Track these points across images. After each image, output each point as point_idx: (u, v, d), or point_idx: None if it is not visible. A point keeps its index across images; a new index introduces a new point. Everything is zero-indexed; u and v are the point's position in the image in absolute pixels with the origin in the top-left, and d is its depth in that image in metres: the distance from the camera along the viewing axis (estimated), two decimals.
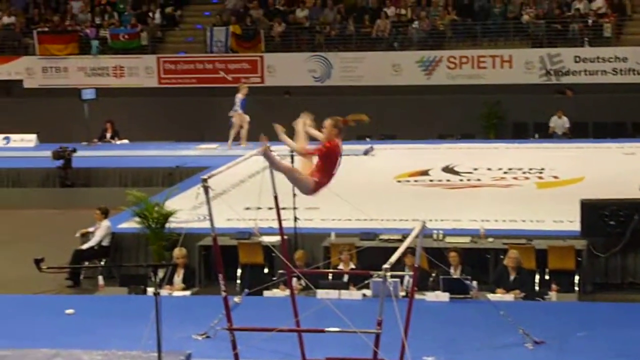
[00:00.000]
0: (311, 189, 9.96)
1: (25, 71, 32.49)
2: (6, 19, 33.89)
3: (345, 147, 25.42)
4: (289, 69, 30.51)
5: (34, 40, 32.42)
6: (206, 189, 9.44)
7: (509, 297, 13.89)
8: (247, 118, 25.42)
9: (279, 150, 10.19)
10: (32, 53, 32.55)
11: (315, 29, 31.53)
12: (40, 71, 32.35)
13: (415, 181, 21.66)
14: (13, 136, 28.36)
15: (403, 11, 31.37)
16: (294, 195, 15.83)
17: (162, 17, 33.15)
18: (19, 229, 21.11)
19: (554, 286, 14.41)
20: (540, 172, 21.88)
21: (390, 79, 30.01)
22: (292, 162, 11.61)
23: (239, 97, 25.34)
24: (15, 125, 29.13)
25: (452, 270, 14.52)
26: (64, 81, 31.96)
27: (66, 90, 30.89)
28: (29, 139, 28.19)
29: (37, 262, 8.74)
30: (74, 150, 24.04)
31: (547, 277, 15.47)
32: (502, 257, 15.43)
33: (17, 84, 32.67)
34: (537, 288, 14.88)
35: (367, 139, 27.27)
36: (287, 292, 12.71)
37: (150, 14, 33.13)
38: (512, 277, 14.37)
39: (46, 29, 33.12)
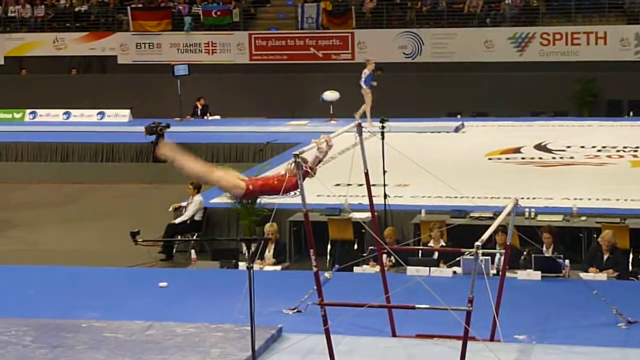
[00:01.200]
0: (239, 194, 9.72)
1: (119, 47, 32.95)
2: None
3: (436, 125, 25.56)
4: (379, 45, 30.42)
5: (128, 16, 32.84)
6: (298, 165, 9.46)
7: (602, 276, 13.68)
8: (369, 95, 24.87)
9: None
10: (125, 29, 32.99)
11: (406, 5, 31.36)
12: (133, 47, 32.77)
13: (507, 159, 21.47)
14: (107, 111, 28.81)
15: None
16: (384, 172, 15.87)
17: None
18: (113, 203, 21.47)
19: None
20: (635, 151, 21.52)
21: (482, 55, 29.74)
22: None
23: (366, 72, 24.83)
24: (109, 101, 29.59)
25: (544, 249, 14.37)
26: (157, 57, 32.35)
27: (159, 66, 31.28)
28: (123, 114, 28.61)
29: (133, 235, 8.87)
30: (168, 126, 24.30)
31: None
32: (595, 236, 15.23)
33: (111, 59, 33.15)
34: (630, 268, 14.65)
35: (458, 116, 27.12)
36: (377, 268, 12.73)
37: None
38: (605, 257, 14.15)
39: (140, 6, 33.50)
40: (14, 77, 33.33)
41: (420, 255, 14.67)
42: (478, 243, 8.52)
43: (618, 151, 21.57)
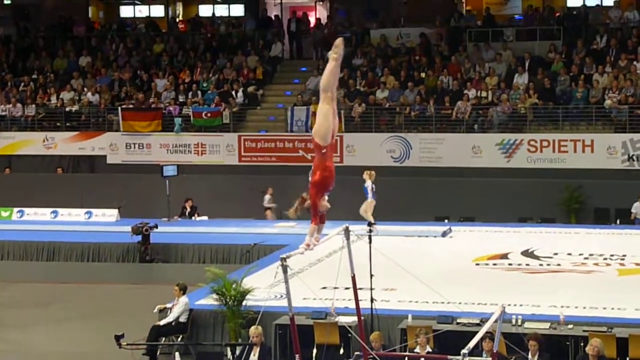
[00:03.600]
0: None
1: (109, 147, 33.09)
2: (91, 96, 34.60)
3: (424, 229, 25.61)
4: (368, 148, 30.62)
5: (119, 116, 33.05)
6: (284, 268, 9.47)
7: None
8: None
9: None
10: (116, 129, 33.17)
11: (395, 110, 31.67)
12: (123, 147, 32.92)
13: (494, 265, 21.45)
14: (95, 211, 28.77)
15: (484, 93, 31.38)
16: (371, 275, 15.82)
17: (245, 96, 33.60)
18: (98, 303, 21.31)
19: None
20: (622, 259, 21.51)
21: (469, 160, 29.93)
22: None
23: (368, 184, 24.95)
24: (97, 200, 29.61)
25: (530, 357, 14.28)
26: (147, 157, 32.47)
27: (148, 166, 31.38)
28: (111, 214, 28.57)
29: (118, 338, 8.82)
30: (156, 226, 24.33)
31: None
32: (582, 344, 15.14)
33: (101, 159, 33.26)
34: None
35: (446, 221, 27.16)
36: None
37: (233, 93, 33.61)
38: None
39: (130, 106, 33.75)
40: (2, 175, 33.38)
41: None
42: (465, 350, 8.47)
43: (605, 259, 21.56)
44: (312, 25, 37.34)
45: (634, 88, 30.03)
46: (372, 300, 16.14)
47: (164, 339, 17.30)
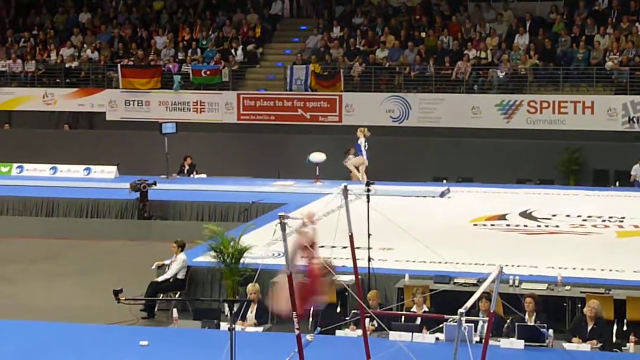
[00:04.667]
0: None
1: (108, 104, 33.02)
2: (90, 53, 34.50)
3: (422, 189, 25.63)
4: (367, 108, 30.56)
5: (118, 73, 32.95)
6: (283, 226, 9.48)
7: (586, 347, 13.64)
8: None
9: None
10: (115, 86, 33.09)
11: (395, 69, 31.58)
12: (122, 104, 32.86)
13: (492, 225, 21.47)
14: (94, 167, 28.76)
15: (484, 54, 31.28)
16: (369, 235, 15.84)
17: (244, 54, 33.50)
18: (97, 259, 21.36)
19: (632, 337, 14.09)
20: (621, 221, 21.53)
21: (469, 121, 29.88)
22: None
23: (361, 141, 25.03)
24: (96, 157, 29.60)
25: (527, 317, 14.33)
26: (146, 115, 32.43)
27: (147, 123, 31.35)
28: (109, 171, 28.57)
29: (116, 293, 8.84)
30: (154, 183, 24.32)
31: (625, 328, 15.18)
32: (579, 305, 15.20)
33: (100, 116, 33.21)
34: (614, 339, 14.59)
35: (444, 181, 27.17)
36: (359, 332, 12.67)
37: (232, 51, 33.49)
38: (589, 327, 14.11)
39: (130, 63, 33.65)
40: (2, 130, 33.35)
41: (403, 320, 14.60)
42: (462, 310, 8.49)
43: (604, 221, 21.58)
44: None
45: (636, 50, 29.93)
46: (369, 259, 16.17)
47: (162, 295, 17.35)
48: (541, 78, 30.35)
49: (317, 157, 26.34)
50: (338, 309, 16.26)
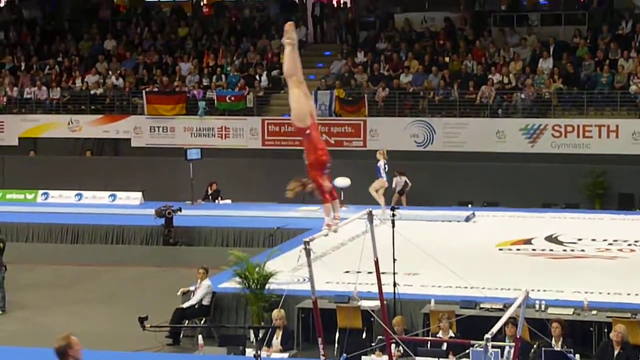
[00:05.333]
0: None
1: (133, 130, 33.18)
2: (115, 80, 34.70)
3: (447, 214, 25.63)
4: (391, 133, 30.57)
5: (143, 100, 33.12)
6: (308, 252, 9.48)
7: None
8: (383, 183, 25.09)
9: None
10: (140, 112, 33.25)
11: (419, 94, 31.59)
12: (147, 130, 33.00)
13: (518, 250, 21.40)
14: (119, 194, 28.90)
15: (507, 78, 31.24)
16: (394, 260, 15.82)
17: (268, 79, 33.61)
18: (122, 285, 21.41)
19: None
20: None
21: (493, 145, 29.83)
22: None
23: (380, 163, 24.99)
24: (121, 183, 29.73)
25: (553, 342, 14.24)
26: (171, 141, 32.56)
27: (172, 149, 31.46)
28: (135, 197, 28.69)
29: (142, 320, 8.83)
30: (179, 209, 24.41)
31: None
32: (605, 330, 15.10)
33: (125, 142, 33.36)
34: None
35: (469, 206, 27.11)
36: (385, 358, 12.62)
37: (257, 77, 33.62)
38: (616, 352, 14.02)
39: (155, 90, 33.82)
40: (27, 157, 33.55)
41: (429, 346, 14.55)
42: (488, 335, 8.45)
43: (629, 245, 21.48)
44: (335, 8, 37.26)
45: None
46: (394, 284, 16.13)
47: (187, 321, 17.36)
48: (565, 102, 30.28)
49: (342, 182, 26.31)
50: (364, 335, 16.22)
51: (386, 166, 24.94)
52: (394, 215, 16.31)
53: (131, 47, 36.73)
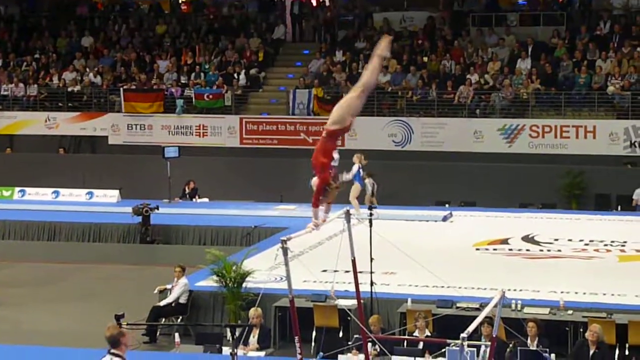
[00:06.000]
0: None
1: (111, 128, 33.08)
2: (93, 77, 34.58)
3: (424, 213, 25.63)
4: (369, 132, 30.54)
5: (120, 97, 33.02)
6: (285, 251, 9.47)
7: None
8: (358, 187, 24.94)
9: None
10: (117, 110, 33.15)
11: (397, 93, 31.63)
12: (125, 128, 32.91)
13: (495, 250, 21.46)
14: (96, 191, 28.80)
15: (485, 79, 31.31)
16: (371, 259, 15.84)
17: (247, 78, 33.58)
18: (99, 283, 21.35)
19: None
20: (623, 245, 21.52)
21: (471, 145, 29.91)
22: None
23: (355, 167, 24.83)
24: (98, 181, 29.64)
25: (529, 342, 14.30)
26: (148, 139, 32.48)
27: (150, 147, 31.38)
28: (112, 195, 28.59)
29: (118, 318, 8.82)
30: (157, 207, 24.37)
31: (627, 352, 15.15)
32: (581, 330, 15.17)
33: (102, 140, 33.26)
34: None
35: (446, 205, 27.17)
36: (362, 357, 12.64)
37: (235, 75, 33.58)
38: (591, 352, 14.09)
39: (132, 87, 33.72)
40: (4, 154, 33.39)
41: (405, 345, 14.57)
42: (464, 334, 8.47)
43: (605, 245, 21.57)
44: (314, 7, 37.24)
45: (637, 74, 29.96)
46: (372, 283, 16.16)
47: (163, 319, 17.33)
48: (543, 103, 30.39)
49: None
50: (340, 334, 16.24)
51: (361, 171, 24.87)
52: (371, 214, 16.34)
53: (109, 44, 36.62)
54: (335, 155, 10.32)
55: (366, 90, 10.50)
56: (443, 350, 13.43)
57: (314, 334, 16.25)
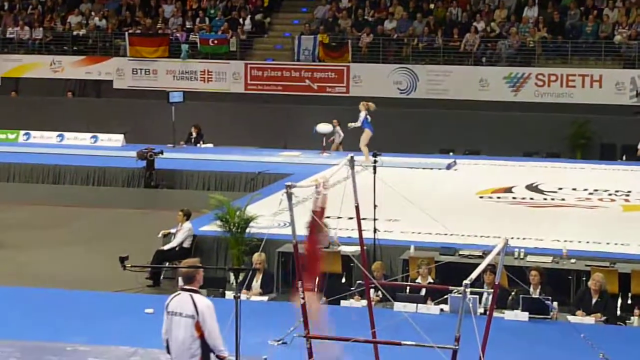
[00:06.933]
0: None
1: (115, 72, 33.01)
2: (98, 21, 34.44)
3: (428, 161, 25.56)
4: (374, 79, 30.51)
5: (125, 42, 32.90)
6: (289, 196, 9.46)
7: (590, 320, 13.67)
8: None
9: None
10: (122, 54, 33.05)
11: (403, 41, 31.48)
12: (130, 72, 32.83)
13: (498, 198, 21.47)
14: (101, 135, 28.83)
15: (492, 26, 31.13)
16: (375, 206, 15.86)
17: (252, 24, 33.42)
18: (103, 227, 21.39)
19: (636, 311, 14.15)
20: (627, 195, 21.53)
21: (476, 93, 29.84)
22: None
23: (362, 115, 24.70)
24: (103, 125, 29.63)
25: (532, 290, 14.34)
26: (153, 83, 32.41)
27: (154, 92, 31.33)
28: (116, 139, 28.62)
29: (122, 260, 8.86)
30: (161, 152, 24.36)
31: (629, 301, 15.19)
32: (584, 279, 15.21)
33: (107, 84, 33.20)
34: (618, 312, 14.62)
35: (451, 154, 27.15)
36: (364, 302, 12.69)
37: (241, 21, 33.41)
38: (594, 300, 14.13)
39: (138, 32, 33.58)
40: (9, 98, 33.35)
41: (407, 291, 14.63)
42: (466, 281, 8.47)
43: (610, 195, 21.57)
44: None
45: None
46: (375, 230, 16.20)
47: (167, 263, 17.40)
48: (550, 51, 30.25)
49: (324, 128, 26.33)
50: (343, 280, 16.29)
51: (368, 117, 24.77)
52: (375, 161, 16.33)
53: None
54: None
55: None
56: (445, 297, 13.53)
57: (316, 279, 16.28)
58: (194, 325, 8.62)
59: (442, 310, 13.72)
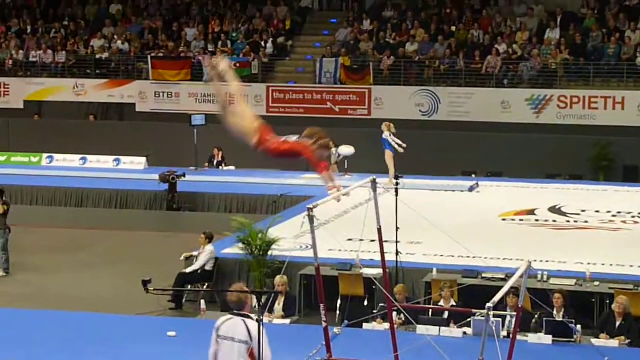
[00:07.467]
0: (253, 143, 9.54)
1: (138, 95, 33.14)
2: (121, 44, 34.63)
3: (450, 183, 25.57)
4: (396, 102, 30.52)
5: (148, 65, 33.05)
6: (311, 219, 9.46)
7: (614, 343, 13.58)
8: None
9: None
10: (145, 78, 33.19)
11: (424, 63, 31.51)
12: (152, 96, 32.96)
13: (521, 220, 21.40)
14: (123, 158, 28.93)
15: (514, 49, 31.11)
16: (397, 228, 15.83)
17: (274, 47, 33.52)
18: (125, 250, 21.44)
19: None
20: None
21: (498, 116, 29.79)
22: None
23: (385, 135, 24.71)
24: (126, 148, 29.72)
25: (555, 313, 14.27)
26: (175, 106, 32.52)
27: (177, 115, 31.42)
28: (139, 162, 28.71)
29: (145, 283, 8.84)
30: (183, 175, 24.43)
31: None
32: (607, 301, 15.11)
33: (130, 107, 33.33)
34: None
35: (473, 176, 27.10)
36: (387, 325, 12.65)
37: (263, 43, 33.53)
38: (618, 323, 14.04)
39: (160, 55, 33.74)
40: (32, 121, 33.53)
41: (430, 314, 14.59)
42: (489, 304, 8.45)
43: (633, 217, 21.47)
44: None
45: None
46: (397, 252, 16.16)
47: (190, 286, 17.40)
48: (572, 73, 30.21)
49: (346, 150, 26.33)
50: (365, 302, 16.24)
51: (389, 139, 24.74)
52: (397, 184, 16.31)
53: (137, 12, 36.64)
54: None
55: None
56: (468, 320, 13.47)
57: (339, 302, 16.25)
58: (247, 351, 8.55)
59: (465, 333, 13.65)
